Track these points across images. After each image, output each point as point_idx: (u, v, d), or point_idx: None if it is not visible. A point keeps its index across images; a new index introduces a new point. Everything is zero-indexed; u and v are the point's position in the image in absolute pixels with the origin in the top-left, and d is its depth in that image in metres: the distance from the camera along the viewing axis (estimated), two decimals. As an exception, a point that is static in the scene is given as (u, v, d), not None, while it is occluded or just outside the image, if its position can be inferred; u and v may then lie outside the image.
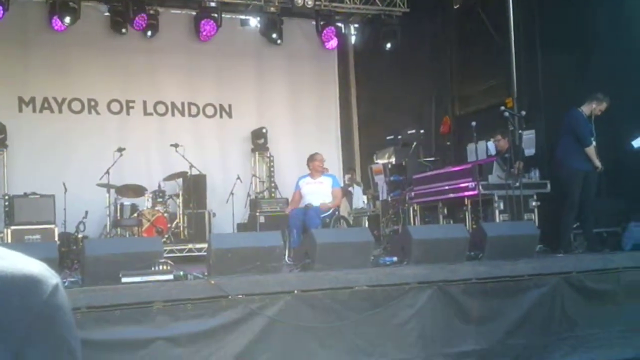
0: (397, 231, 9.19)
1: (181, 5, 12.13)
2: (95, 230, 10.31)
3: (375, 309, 5.60)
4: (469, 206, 8.10)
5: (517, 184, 7.50)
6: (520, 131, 8.08)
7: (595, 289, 6.40)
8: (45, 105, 11.37)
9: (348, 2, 12.10)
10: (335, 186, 8.81)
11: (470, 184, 7.87)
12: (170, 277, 5.28)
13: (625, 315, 6.44)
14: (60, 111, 11.46)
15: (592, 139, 7.47)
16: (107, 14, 11.69)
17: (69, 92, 11.50)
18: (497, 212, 7.73)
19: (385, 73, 12.56)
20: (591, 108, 7.56)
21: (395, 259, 6.39)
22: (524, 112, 8.04)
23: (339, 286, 5.57)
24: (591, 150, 7.42)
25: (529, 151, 8.98)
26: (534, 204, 7.86)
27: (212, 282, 5.18)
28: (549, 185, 8.06)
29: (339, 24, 12.84)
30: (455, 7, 11.91)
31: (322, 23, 11.92)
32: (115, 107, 11.82)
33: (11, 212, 9.59)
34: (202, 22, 11.30)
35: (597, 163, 7.42)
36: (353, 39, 13.79)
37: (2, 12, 10.08)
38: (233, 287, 5.20)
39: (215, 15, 11.28)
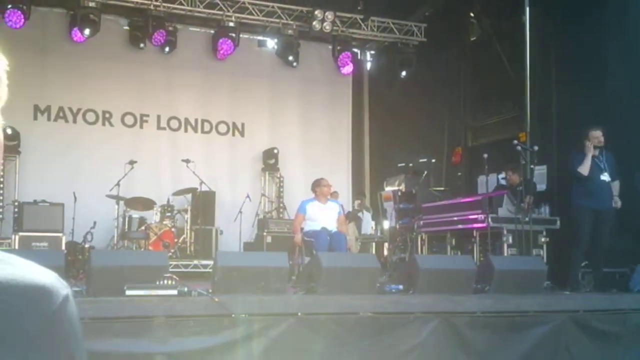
0: (404, 259, 9.15)
1: (200, 24, 12.25)
2: (103, 241, 10.32)
3: (379, 336, 5.55)
4: (478, 238, 8.06)
5: (527, 219, 7.47)
6: (532, 166, 8.05)
7: (601, 329, 6.32)
8: (60, 114, 11.46)
9: (365, 29, 12.19)
10: (341, 213, 8.82)
11: (479, 216, 7.84)
12: (174, 292, 5.26)
13: (630, 358, 6.34)
14: (74, 121, 11.54)
15: (601, 172, 7.44)
16: (126, 27, 11.83)
17: (85, 103, 11.59)
18: (505, 245, 7.69)
19: (399, 101, 12.61)
20: (590, 143, 7.54)
21: (401, 287, 6.35)
22: (536, 147, 8.02)
23: (343, 311, 5.53)
24: (584, 166, 7.35)
25: (540, 186, 8.96)
26: (543, 239, 7.82)
27: (216, 299, 5.15)
28: (558, 222, 8.01)
29: (355, 50, 12.92)
30: (471, 38, 12.01)
31: (338, 48, 11.99)
32: (129, 120, 11.90)
33: (20, 219, 9.62)
34: (220, 41, 11.39)
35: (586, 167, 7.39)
36: (368, 66, 13.88)
37: (23, 20, 10.21)
38: (236, 306, 5.17)
39: (233, 34, 11.38)
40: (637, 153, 7.98)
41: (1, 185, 10.41)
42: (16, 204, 10.10)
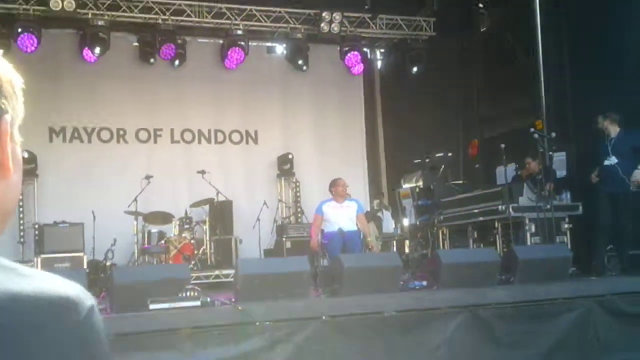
0: (425, 255, 9.07)
1: (208, 34, 12.26)
2: (124, 258, 10.35)
3: (406, 334, 5.49)
4: (500, 229, 7.96)
5: (549, 207, 7.37)
6: (550, 153, 7.96)
7: (629, 312, 6.22)
8: (75, 135, 11.54)
9: (374, 27, 12.13)
10: (360, 212, 8.76)
11: (500, 206, 7.74)
12: (198, 303, 5.25)
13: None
14: (89, 141, 11.62)
15: (607, 157, 7.43)
16: (135, 44, 11.89)
17: (98, 122, 11.66)
18: (528, 234, 7.60)
19: (412, 96, 12.53)
20: (607, 126, 7.51)
21: (424, 283, 6.29)
22: (554, 134, 7.95)
23: (367, 311, 5.48)
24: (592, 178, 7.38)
25: (560, 173, 8.84)
26: (566, 226, 7.73)
27: (240, 308, 5.14)
28: (580, 208, 7.90)
29: (365, 49, 12.87)
30: (482, 29, 11.91)
31: (346, 49, 11.95)
32: (143, 135, 11.95)
33: (41, 241, 9.73)
34: (230, 50, 11.38)
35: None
36: (379, 64, 13.82)
37: (36, 44, 10.30)
38: (260, 313, 5.15)
39: (242, 43, 11.38)
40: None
41: (21, 209, 10.49)
42: (36, 226, 10.20)
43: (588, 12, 9.11)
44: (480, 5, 11.85)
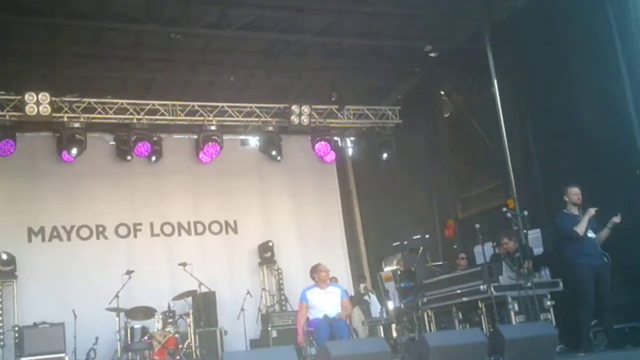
0: (413, 339, 9.09)
1: (183, 131, 12.56)
2: (106, 356, 10.19)
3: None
4: (484, 309, 8.06)
5: (529, 284, 7.52)
6: (525, 231, 8.18)
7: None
8: (54, 234, 11.56)
9: (342, 118, 12.54)
10: (344, 297, 8.73)
11: (482, 286, 7.88)
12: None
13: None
14: (69, 239, 11.63)
15: (588, 232, 7.61)
16: (112, 142, 12.12)
17: (77, 220, 11.72)
18: (512, 313, 7.69)
19: (385, 181, 12.87)
20: (569, 202, 7.75)
21: (415, 368, 6.31)
22: (526, 212, 8.17)
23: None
24: (581, 227, 7.53)
25: (537, 250, 9.06)
26: (548, 303, 7.83)
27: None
28: (561, 284, 8.07)
29: (335, 138, 13.26)
30: (445, 115, 12.40)
31: (317, 139, 12.28)
32: (122, 230, 12.01)
33: (21, 344, 9.58)
34: (205, 145, 11.62)
35: (586, 219, 7.55)
36: (350, 151, 14.25)
37: (13, 147, 10.45)
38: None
39: (216, 137, 11.64)
40: (619, 204, 8.08)
41: (0, 312, 10.33)
42: (16, 329, 10.02)
43: (548, 90, 9.58)
44: (442, 92, 12.39)
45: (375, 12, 10.22)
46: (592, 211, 7.61)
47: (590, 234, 7.62)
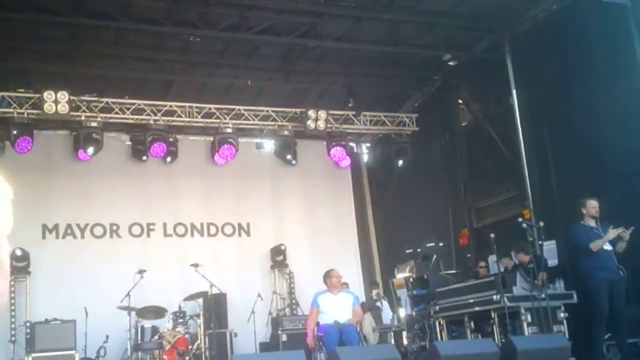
0: (424, 347, 9.04)
1: (199, 132, 12.62)
2: (116, 354, 10.24)
3: None
4: (496, 319, 7.99)
5: (543, 295, 7.46)
6: (540, 242, 8.12)
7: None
8: (68, 231, 11.63)
9: (358, 124, 12.54)
10: (356, 304, 8.70)
11: (495, 296, 7.81)
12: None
13: None
14: (82, 237, 11.70)
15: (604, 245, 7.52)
16: (128, 143, 12.19)
17: (92, 218, 11.79)
18: (525, 324, 7.62)
19: (400, 188, 12.84)
20: (587, 214, 7.67)
21: (426, 376, 6.27)
22: (542, 223, 8.10)
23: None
24: (596, 244, 7.44)
25: (552, 262, 8.98)
26: (562, 315, 7.75)
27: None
28: (575, 296, 7.99)
29: (351, 144, 13.26)
30: (463, 124, 12.37)
31: (333, 144, 12.28)
32: (136, 230, 12.06)
33: (32, 339, 9.64)
34: (220, 147, 11.64)
35: (604, 240, 7.43)
36: (365, 157, 14.24)
37: (30, 144, 10.52)
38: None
39: (232, 140, 11.67)
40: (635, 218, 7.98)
41: (13, 307, 10.40)
42: (28, 324, 10.10)
43: (566, 102, 9.51)
44: (460, 101, 12.35)
45: (394, 19, 10.23)
46: (615, 232, 7.48)
47: (607, 247, 7.54)
